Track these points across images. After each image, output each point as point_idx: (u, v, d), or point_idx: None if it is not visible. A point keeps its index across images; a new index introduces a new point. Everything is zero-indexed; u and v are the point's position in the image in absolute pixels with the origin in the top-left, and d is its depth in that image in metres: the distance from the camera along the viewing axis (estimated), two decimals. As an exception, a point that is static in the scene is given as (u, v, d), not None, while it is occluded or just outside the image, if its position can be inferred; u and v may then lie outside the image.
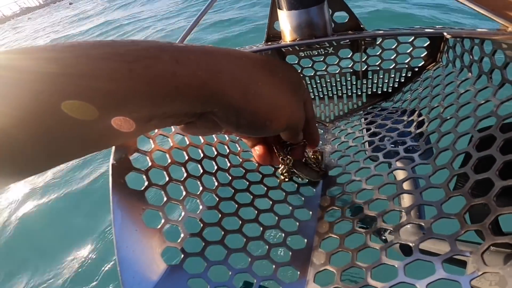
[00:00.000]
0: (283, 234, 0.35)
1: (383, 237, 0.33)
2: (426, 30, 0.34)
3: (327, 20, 0.36)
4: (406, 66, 0.47)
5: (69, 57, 0.15)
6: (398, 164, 0.36)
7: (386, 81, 0.51)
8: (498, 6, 0.30)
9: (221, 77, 0.21)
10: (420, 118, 0.40)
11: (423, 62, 0.46)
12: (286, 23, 0.36)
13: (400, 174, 0.35)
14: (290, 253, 0.33)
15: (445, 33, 0.32)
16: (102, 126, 0.17)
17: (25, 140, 0.14)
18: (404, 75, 0.49)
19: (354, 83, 0.53)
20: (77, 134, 0.16)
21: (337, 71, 0.52)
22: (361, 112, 0.54)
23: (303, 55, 0.47)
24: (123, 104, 0.17)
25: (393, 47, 0.45)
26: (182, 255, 0.30)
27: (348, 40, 0.42)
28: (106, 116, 0.17)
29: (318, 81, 0.55)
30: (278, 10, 0.36)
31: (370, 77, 0.51)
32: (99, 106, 0.16)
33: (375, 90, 0.53)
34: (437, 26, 0.34)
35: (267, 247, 0.33)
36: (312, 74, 0.53)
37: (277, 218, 0.36)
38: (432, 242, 0.27)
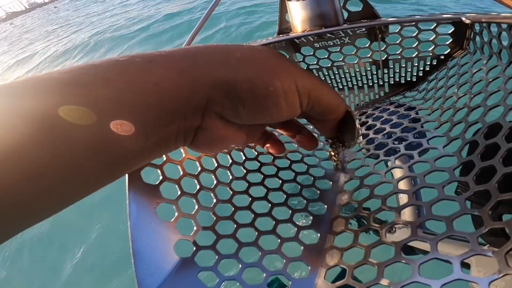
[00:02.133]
0: (296, 229, 0.34)
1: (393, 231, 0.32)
2: (445, 16, 0.32)
3: (337, 10, 0.35)
4: (431, 54, 0.45)
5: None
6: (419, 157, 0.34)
7: (410, 70, 0.49)
8: None
9: (197, 60, 0.20)
10: (446, 108, 0.37)
11: (449, 50, 0.43)
12: (296, 14, 0.35)
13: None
14: (302, 248, 0.32)
15: (463, 18, 0.30)
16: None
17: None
18: (428, 63, 0.46)
19: (375, 73, 0.51)
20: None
21: (355, 61, 0.50)
22: (386, 101, 0.52)
23: (318, 46, 0.46)
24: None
25: (414, 35, 0.42)
26: (194, 248, 0.31)
27: (364, 29, 0.41)
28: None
29: (336, 72, 0.53)
30: (286, 1, 0.36)
31: (392, 66, 0.49)
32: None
33: (397, 79, 0.51)
34: (456, 12, 0.32)
35: (279, 241, 0.33)
36: (329, 65, 0.52)
37: (290, 211, 0.36)
38: (449, 242, 0.25)
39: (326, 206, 0.36)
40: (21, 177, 0.13)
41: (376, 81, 0.53)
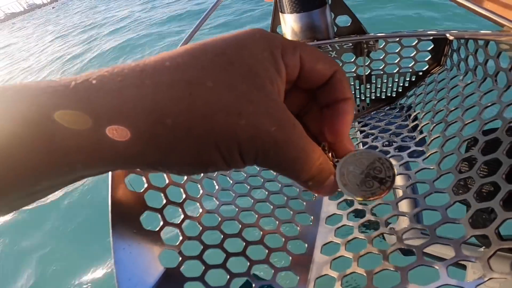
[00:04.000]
0: (284, 239, 0.34)
1: (385, 235, 0.32)
2: (429, 32, 0.34)
3: (329, 24, 0.36)
4: (410, 70, 0.47)
5: None
6: (401, 168, 0.36)
7: (390, 85, 0.51)
8: (500, 8, 0.30)
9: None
10: (425, 123, 0.39)
11: (427, 66, 0.45)
12: (288, 26, 0.36)
13: (401, 179, 0.35)
14: (290, 258, 0.32)
15: (447, 35, 0.31)
16: None
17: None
18: (408, 79, 0.49)
19: (358, 87, 0.53)
20: None
21: None
22: (365, 116, 0.53)
23: None
24: None
25: (397, 51, 0.44)
26: (180, 258, 0.30)
27: (351, 44, 0.42)
28: None
29: None
30: (280, 13, 0.37)
31: (374, 81, 0.51)
32: None
33: (378, 94, 0.53)
34: (440, 29, 0.34)
35: (267, 251, 0.33)
36: None
37: (277, 222, 0.36)
38: (437, 247, 0.26)
39: (312, 217, 0.36)
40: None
41: (358, 96, 0.55)
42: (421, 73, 0.46)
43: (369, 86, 0.52)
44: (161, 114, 0.13)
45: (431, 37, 0.39)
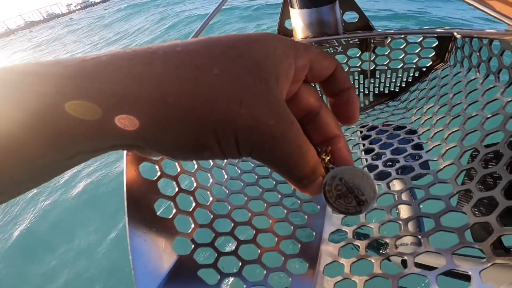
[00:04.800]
0: (292, 227, 0.35)
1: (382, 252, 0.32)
2: (436, 30, 0.34)
3: (338, 19, 0.37)
4: (414, 66, 0.48)
5: None
6: (397, 176, 0.37)
7: (394, 80, 0.52)
8: (506, 8, 0.31)
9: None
10: (428, 117, 0.40)
11: (431, 62, 0.46)
12: (298, 21, 0.36)
13: (398, 185, 0.36)
14: (299, 245, 0.33)
15: (455, 33, 0.32)
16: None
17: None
18: (411, 74, 0.50)
19: (362, 82, 0.54)
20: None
21: (345, 70, 0.52)
22: (369, 110, 0.54)
23: None
24: None
25: (402, 47, 0.45)
26: (193, 246, 0.30)
27: (357, 39, 0.43)
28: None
29: None
30: (290, 8, 0.37)
31: (378, 76, 0.52)
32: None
33: (382, 89, 0.54)
34: (446, 27, 0.35)
35: (277, 239, 0.33)
36: None
37: (286, 211, 0.37)
38: (430, 256, 0.27)
39: (314, 233, 0.35)
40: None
41: (362, 90, 0.55)
42: (424, 69, 0.47)
43: (373, 81, 0.53)
44: (165, 92, 0.14)
45: (437, 35, 0.40)
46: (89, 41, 6.33)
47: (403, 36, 0.42)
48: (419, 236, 0.28)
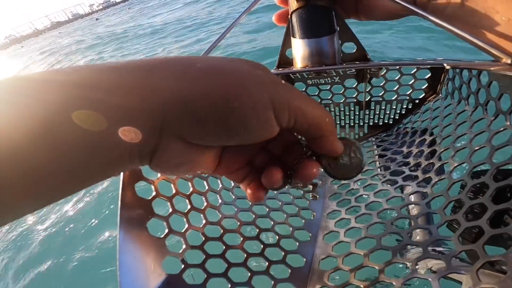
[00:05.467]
0: (283, 253, 0.35)
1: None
2: (428, 61, 0.36)
3: (336, 50, 0.39)
4: (408, 97, 0.49)
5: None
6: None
7: (388, 112, 0.53)
8: (493, 38, 0.32)
9: (151, 73, 0.17)
10: (417, 150, 0.41)
11: (423, 94, 0.48)
12: (299, 50, 0.39)
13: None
14: (289, 270, 0.33)
15: (445, 64, 0.34)
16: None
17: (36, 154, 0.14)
18: (405, 106, 0.51)
19: (357, 113, 0.55)
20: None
21: (341, 101, 0.54)
22: (362, 143, 0.55)
23: (310, 83, 0.49)
24: None
25: (396, 78, 0.47)
26: (182, 266, 0.31)
27: (354, 70, 0.45)
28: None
29: None
30: (291, 38, 0.40)
31: (373, 108, 0.53)
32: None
33: (377, 121, 0.55)
34: (438, 58, 0.36)
35: (267, 263, 0.33)
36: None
37: (277, 237, 0.37)
38: (430, 262, 0.27)
39: (304, 259, 0.36)
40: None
41: (357, 122, 0.57)
42: (417, 101, 0.49)
43: (368, 113, 0.54)
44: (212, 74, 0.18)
45: (429, 66, 0.41)
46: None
47: (398, 67, 0.44)
48: (408, 264, 0.28)
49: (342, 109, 0.56)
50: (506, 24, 0.30)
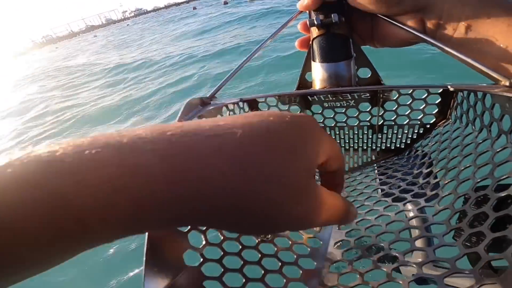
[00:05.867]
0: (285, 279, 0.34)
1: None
2: (435, 85, 0.39)
3: (352, 74, 0.44)
4: (419, 122, 0.51)
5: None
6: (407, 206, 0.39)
7: (400, 136, 0.55)
8: (493, 63, 0.35)
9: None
10: (427, 171, 0.43)
11: (434, 119, 0.50)
12: (318, 73, 0.44)
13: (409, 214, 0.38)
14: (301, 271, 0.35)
15: (449, 86, 0.37)
16: None
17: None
18: (416, 131, 0.53)
19: (370, 137, 0.57)
20: None
21: (355, 124, 0.57)
22: (374, 165, 0.57)
23: (327, 105, 0.53)
24: None
25: (408, 103, 0.49)
26: (201, 259, 0.33)
27: (368, 95, 0.48)
28: None
29: (337, 133, 0.59)
30: (312, 62, 0.44)
31: (385, 131, 0.55)
32: None
33: (389, 145, 0.57)
34: (448, 83, 0.39)
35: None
36: (333, 125, 0.58)
37: (280, 263, 0.36)
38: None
39: (315, 263, 0.37)
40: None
41: (370, 145, 0.59)
42: (428, 126, 0.51)
43: (380, 136, 0.57)
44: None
45: (440, 89, 0.44)
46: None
47: (410, 91, 0.47)
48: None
49: (356, 132, 0.58)
50: (505, 51, 0.33)
